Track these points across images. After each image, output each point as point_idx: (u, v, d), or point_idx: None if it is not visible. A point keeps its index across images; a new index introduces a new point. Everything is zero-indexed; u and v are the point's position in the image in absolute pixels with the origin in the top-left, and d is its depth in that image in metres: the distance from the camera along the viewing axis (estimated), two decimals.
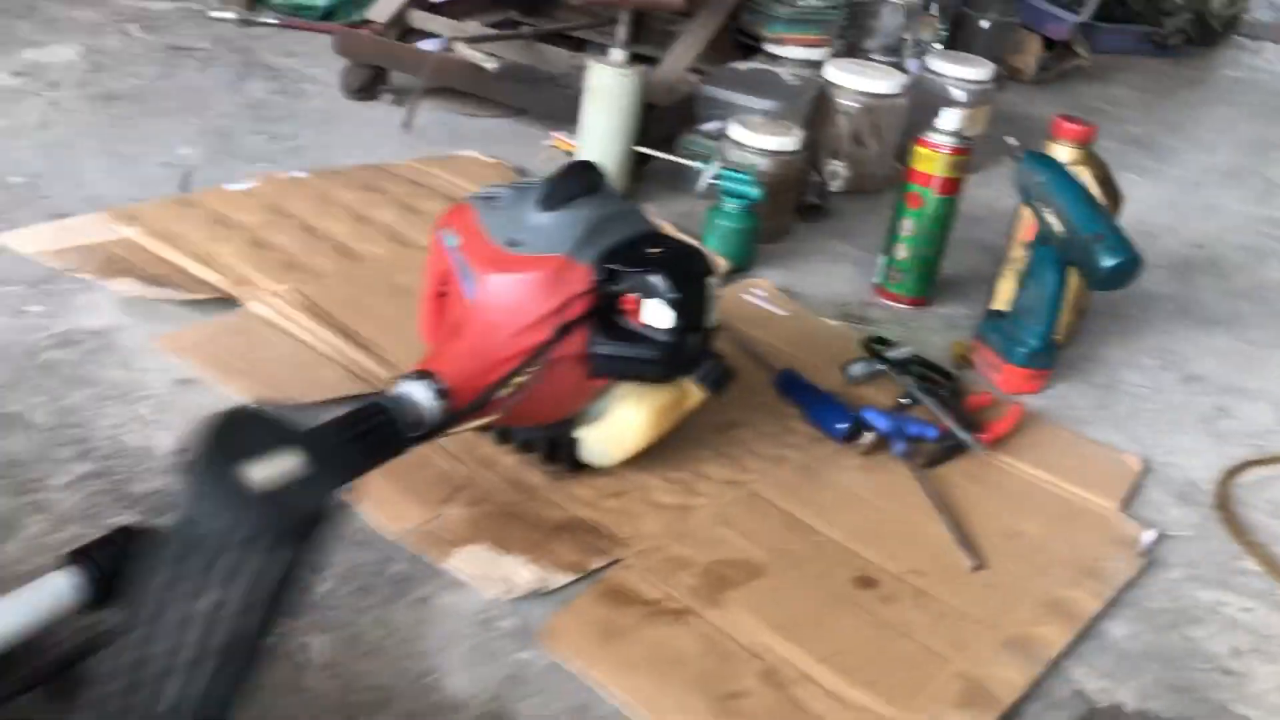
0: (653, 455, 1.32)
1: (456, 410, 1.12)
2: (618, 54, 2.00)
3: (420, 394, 1.10)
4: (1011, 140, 1.69)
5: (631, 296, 1.19)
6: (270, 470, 0.36)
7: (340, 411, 1.04)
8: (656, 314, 1.18)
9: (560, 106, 2.23)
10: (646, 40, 2.46)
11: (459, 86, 2.29)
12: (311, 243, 1.70)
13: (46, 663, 0.87)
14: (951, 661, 1.13)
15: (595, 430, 1.27)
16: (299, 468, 0.36)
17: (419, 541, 1.17)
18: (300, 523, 0.36)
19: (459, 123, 2.35)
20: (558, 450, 1.30)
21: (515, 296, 1.16)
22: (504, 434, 1.34)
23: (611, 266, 1.18)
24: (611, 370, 1.20)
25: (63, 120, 2.02)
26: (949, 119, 1.80)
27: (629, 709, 1.02)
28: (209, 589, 0.38)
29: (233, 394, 1.33)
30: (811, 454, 1.43)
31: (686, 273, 1.20)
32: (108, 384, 1.32)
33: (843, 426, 1.44)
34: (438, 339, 1.27)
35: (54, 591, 0.82)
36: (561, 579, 1.15)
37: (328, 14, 2.84)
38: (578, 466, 1.30)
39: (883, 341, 1.67)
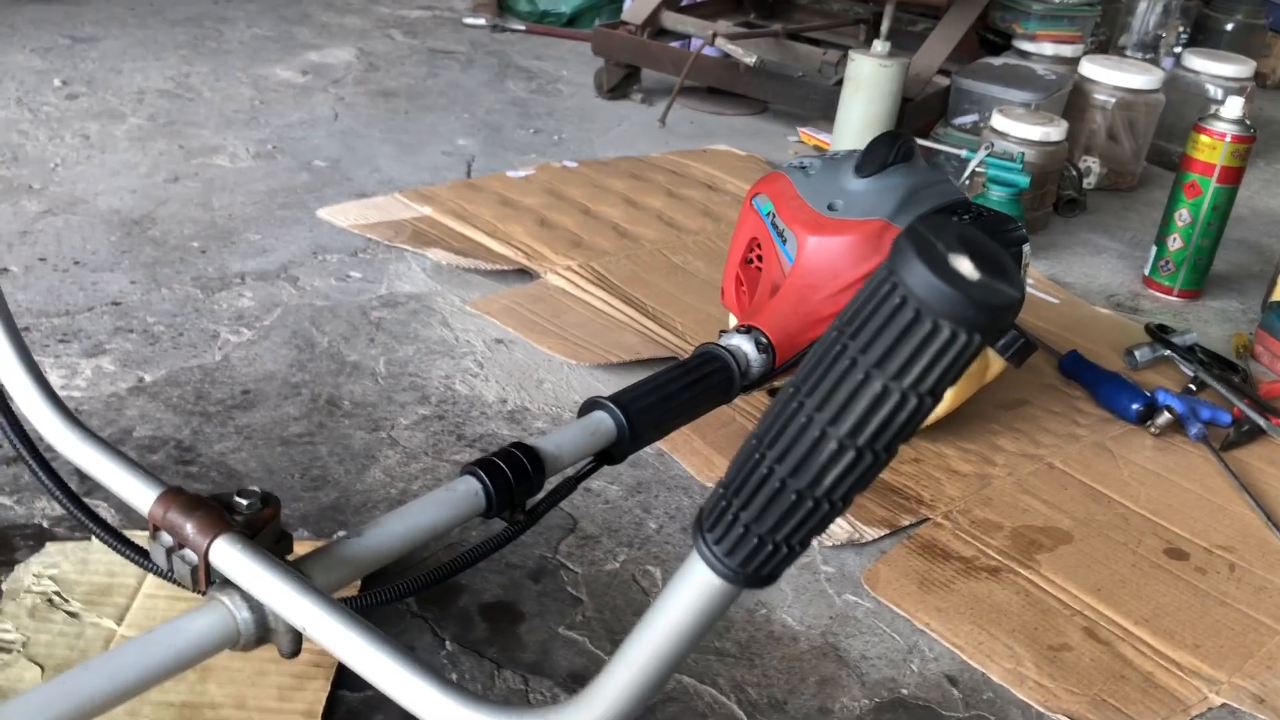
0: (944, 426, 1.34)
1: (778, 364, 1.16)
2: (879, 45, 2.04)
3: (747, 347, 1.15)
4: None
5: None
6: (969, 268, 0.40)
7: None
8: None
9: (810, 101, 2.28)
10: (892, 40, 2.49)
11: (713, 83, 2.36)
12: (591, 224, 1.79)
13: (427, 572, 0.95)
14: (1278, 633, 1.11)
15: None
16: (983, 273, 0.40)
17: None
18: (1004, 313, 0.40)
19: (706, 120, 2.42)
20: None
21: (835, 258, 1.20)
22: None
23: None
24: None
25: (350, 113, 2.18)
26: (1232, 106, 1.76)
27: (960, 653, 1.04)
28: (894, 365, 0.42)
29: (546, 351, 1.41)
30: (1104, 433, 1.42)
31: (1001, 239, 1.22)
32: (433, 340, 1.42)
33: (1137, 407, 1.43)
34: (744, 301, 1.32)
35: (458, 498, 0.90)
36: (874, 532, 1.18)
37: (571, 20, 2.97)
38: None
39: (1165, 329, 1.64)
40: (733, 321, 1.40)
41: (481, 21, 2.89)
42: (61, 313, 1.38)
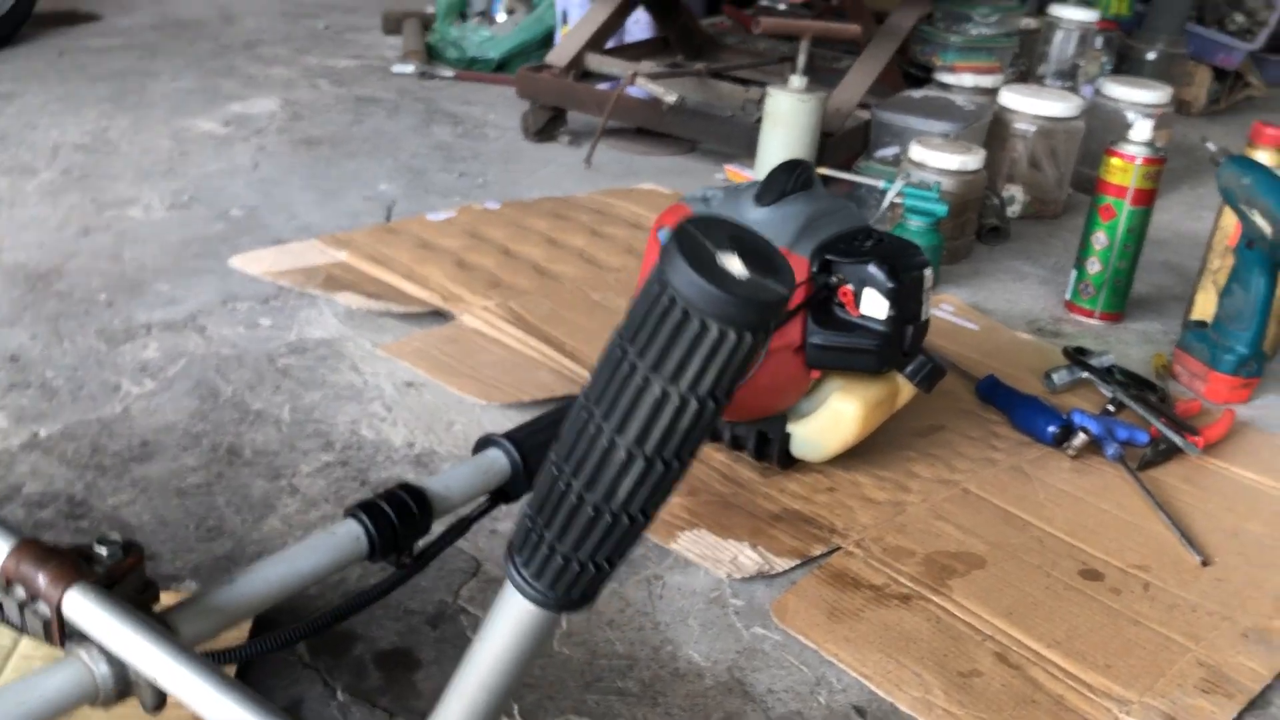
0: (859, 454, 1.34)
1: None
2: (797, 80, 2.05)
3: None
4: (1211, 145, 1.66)
5: (848, 288, 1.21)
6: (738, 266, 0.39)
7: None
8: (874, 304, 1.20)
9: (734, 137, 2.29)
10: (811, 75, 2.51)
11: (638, 124, 2.37)
12: (511, 264, 1.78)
13: (319, 616, 0.92)
14: (1190, 650, 1.10)
15: (808, 425, 1.28)
16: (752, 271, 0.39)
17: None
18: (772, 310, 0.39)
19: (633, 160, 2.43)
20: (767, 446, 1.32)
21: None
22: (712, 433, 1.36)
23: (829, 258, 1.21)
24: (829, 360, 1.22)
25: (270, 162, 2.16)
26: (1141, 129, 1.79)
27: (868, 682, 1.02)
28: (669, 367, 0.41)
29: (456, 393, 1.39)
30: (1021, 456, 1.42)
31: (902, 264, 1.22)
32: (341, 385, 1.40)
33: (1053, 429, 1.43)
34: None
35: (338, 542, 0.88)
36: (785, 563, 1.16)
37: (500, 66, 2.97)
38: (788, 462, 1.32)
39: (1083, 351, 1.64)
40: None
41: (410, 69, 2.89)
42: None
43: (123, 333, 1.47)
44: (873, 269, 1.20)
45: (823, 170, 2.04)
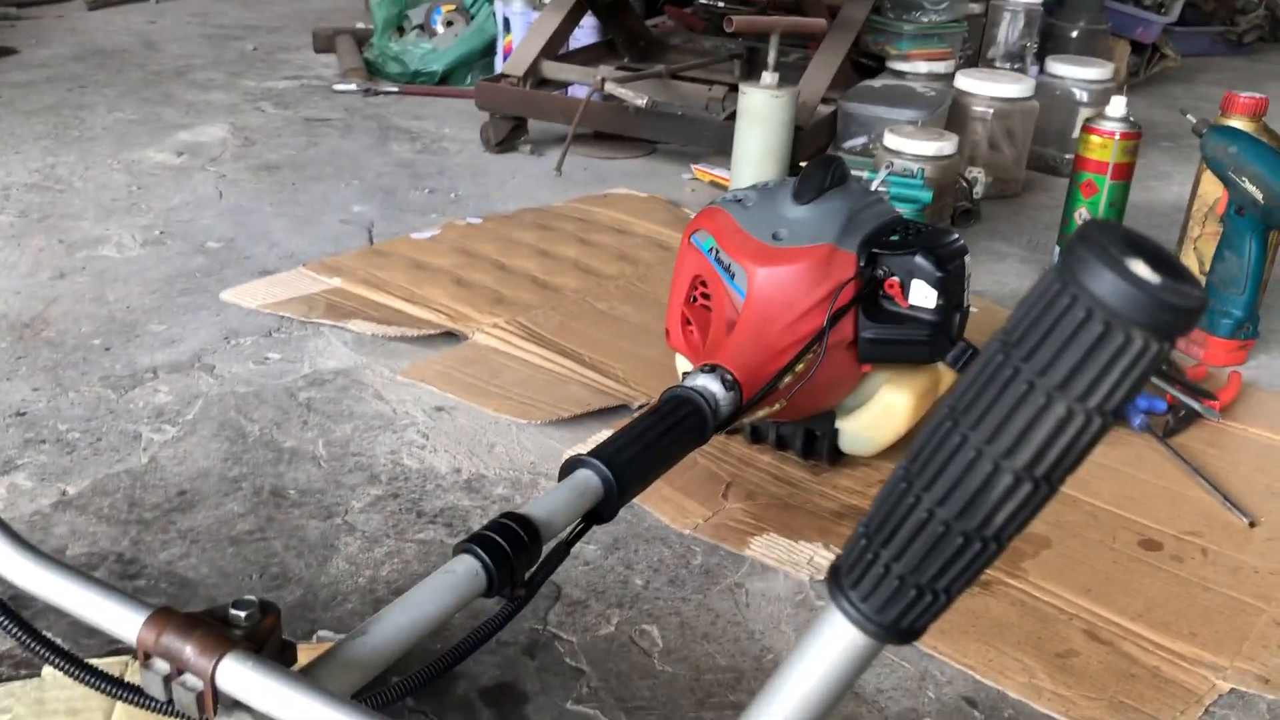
0: (900, 445, 1.33)
1: (745, 400, 1.14)
2: (768, 77, 2.05)
3: (714, 386, 1.12)
4: (1191, 116, 1.70)
5: (894, 280, 1.21)
6: (1148, 271, 0.38)
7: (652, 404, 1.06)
8: (923, 294, 1.20)
9: (703, 137, 2.28)
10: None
11: (604, 128, 2.35)
12: (509, 278, 1.74)
13: (434, 661, 0.88)
14: (1264, 610, 1.12)
15: (858, 419, 1.28)
16: (1162, 275, 0.38)
17: (713, 533, 1.18)
18: (1195, 316, 0.37)
19: (599, 165, 2.40)
20: (815, 444, 1.31)
21: (788, 286, 1.19)
22: (756, 433, 1.36)
23: (875, 251, 1.21)
24: (882, 354, 1.22)
25: (234, 190, 2.09)
26: (1116, 105, 1.83)
27: (972, 672, 1.02)
28: (1080, 384, 0.39)
29: (492, 413, 1.36)
30: None
31: (945, 252, 1.22)
32: (370, 415, 1.35)
33: None
34: (694, 340, 1.29)
35: (458, 581, 0.84)
36: None
37: (443, 78, 2.93)
38: (836, 458, 1.32)
39: None
40: (680, 362, 1.37)
41: (352, 87, 2.82)
42: None
43: (128, 378, 1.40)
44: (920, 259, 1.20)
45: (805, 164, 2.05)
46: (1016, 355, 0.41)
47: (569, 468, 0.97)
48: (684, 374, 1.15)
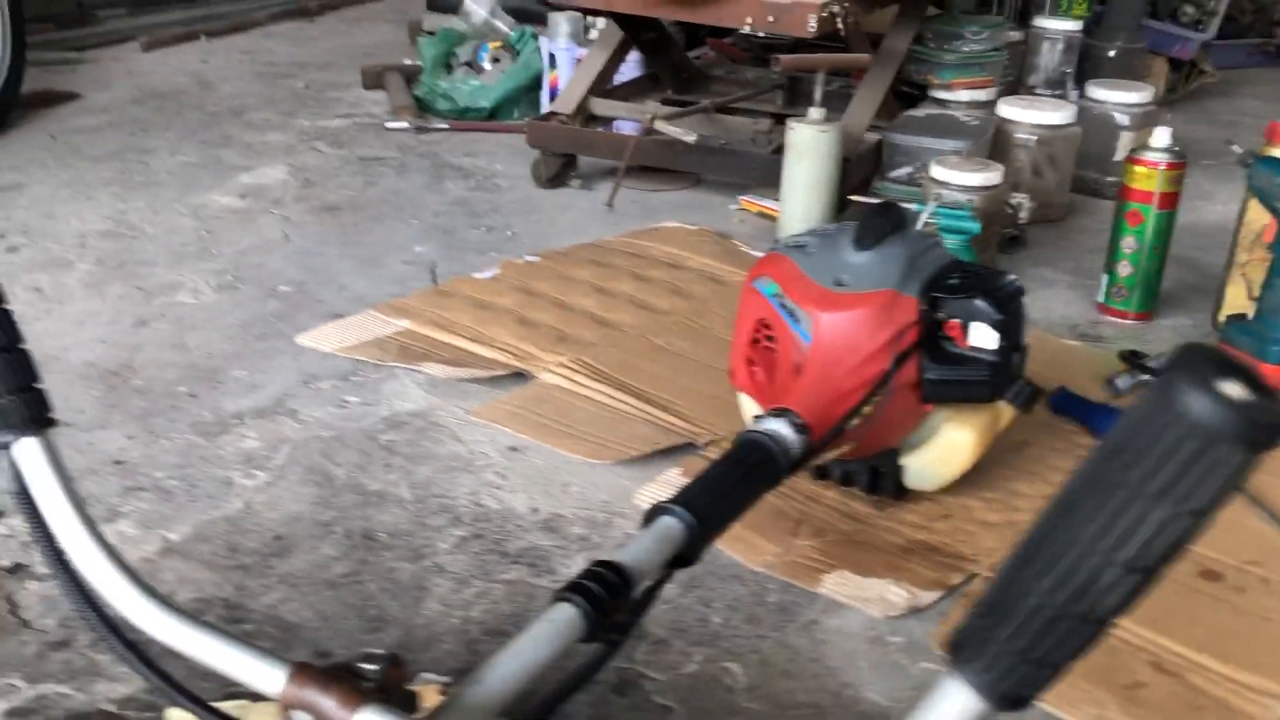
0: (962, 478, 1.37)
1: (815, 443, 1.18)
2: (815, 112, 2.10)
3: (785, 430, 1.16)
4: (1237, 147, 1.74)
5: (954, 322, 1.25)
6: (1240, 391, 0.43)
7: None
8: (983, 336, 1.25)
9: (751, 170, 2.33)
10: (802, 103, 2.57)
11: (653, 163, 2.40)
12: (569, 316, 1.80)
13: (548, 697, 0.93)
14: None
15: (922, 455, 1.32)
16: (1251, 392, 0.43)
17: (786, 571, 1.23)
18: (1273, 433, 0.42)
19: (646, 198, 2.46)
20: (880, 480, 1.36)
21: (853, 331, 1.23)
22: (821, 471, 1.40)
23: (935, 295, 1.25)
24: (945, 394, 1.26)
25: (299, 233, 2.16)
26: (1161, 136, 1.86)
27: (1044, 705, 1.06)
28: (1179, 491, 0.44)
29: (564, 454, 1.41)
30: None
31: (1004, 295, 1.26)
32: (448, 456, 1.41)
33: None
34: (759, 380, 1.34)
35: (560, 629, 0.89)
36: (930, 596, 1.20)
37: (492, 114, 2.99)
38: (901, 493, 1.36)
39: (1137, 354, 1.71)
40: (744, 401, 1.42)
41: (404, 125, 2.89)
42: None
43: (216, 425, 1.47)
44: (979, 302, 1.24)
45: (855, 198, 2.10)
46: (1121, 464, 0.45)
47: (652, 515, 1.02)
48: (755, 418, 1.20)
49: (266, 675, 0.76)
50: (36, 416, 0.85)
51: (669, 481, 1.36)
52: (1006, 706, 0.51)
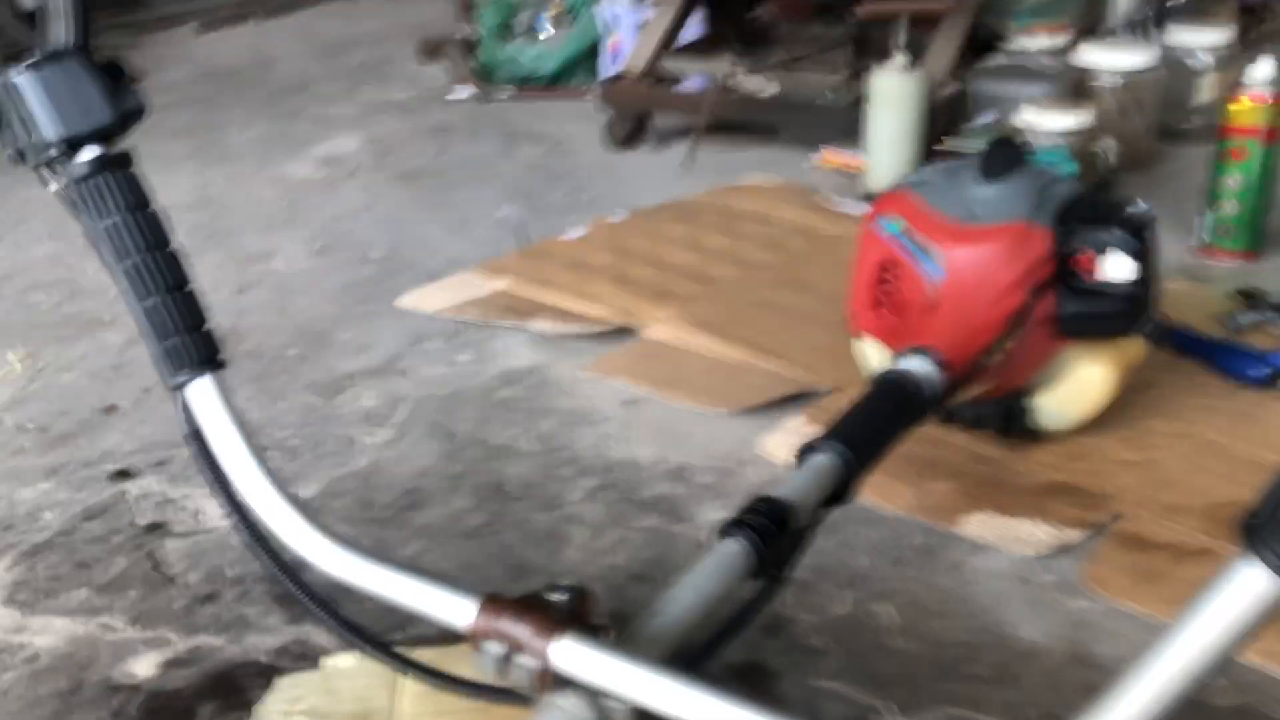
0: (1093, 419, 1.34)
1: (955, 379, 1.16)
2: (899, 58, 2.06)
3: (925, 367, 1.14)
4: None
5: (1086, 254, 1.22)
6: None
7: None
8: (1119, 266, 1.21)
9: (830, 123, 2.29)
10: (871, 57, 2.53)
11: (732, 118, 2.37)
12: (667, 273, 1.78)
13: (712, 637, 0.92)
14: None
15: (1055, 395, 1.30)
16: None
17: (926, 514, 1.21)
18: None
19: (721, 157, 2.42)
20: (1013, 420, 1.33)
21: (987, 265, 1.20)
22: (948, 415, 1.37)
23: (1068, 225, 1.22)
24: (1082, 328, 1.23)
25: (382, 200, 2.15)
26: (1264, 67, 1.81)
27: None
28: None
29: (684, 405, 1.40)
30: (1238, 400, 1.43)
31: (1138, 223, 1.23)
32: (566, 411, 1.40)
33: (1266, 371, 1.44)
34: (886, 321, 1.31)
35: (730, 562, 0.88)
36: (1076, 535, 1.17)
37: (554, 80, 2.97)
38: (1033, 434, 1.33)
39: (1254, 291, 1.66)
40: (866, 347, 1.39)
41: (467, 94, 2.88)
42: None
43: (330, 385, 1.46)
44: (1116, 232, 1.21)
45: (945, 145, 2.06)
46: None
47: (805, 452, 1.00)
48: (892, 356, 1.17)
49: (457, 607, 0.75)
50: (209, 356, 0.84)
51: (795, 430, 1.34)
52: None
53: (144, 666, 1.00)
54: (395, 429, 1.36)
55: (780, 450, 1.30)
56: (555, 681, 0.72)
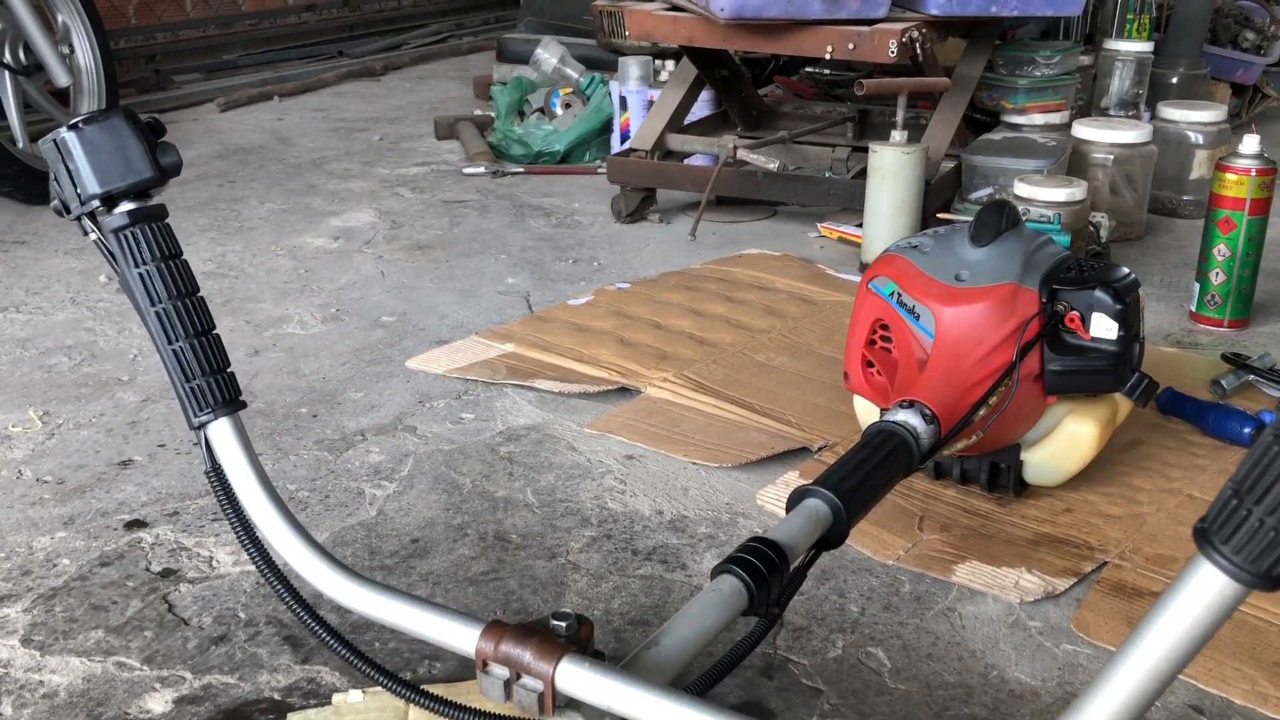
0: (1080, 476, 1.38)
1: (944, 433, 1.20)
2: (898, 135, 2.13)
3: (915, 420, 1.18)
4: None
5: (1074, 313, 1.27)
6: None
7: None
8: (1104, 326, 1.26)
9: (832, 196, 2.36)
10: (871, 135, 2.61)
11: (734, 193, 2.44)
12: (668, 336, 1.83)
13: (707, 672, 0.95)
14: None
15: (1043, 450, 1.33)
16: None
17: (917, 562, 1.24)
18: None
19: (725, 229, 2.50)
20: (1000, 475, 1.36)
21: (977, 324, 1.25)
22: (938, 469, 1.41)
23: (1055, 287, 1.27)
24: (1068, 384, 1.28)
25: (395, 269, 2.21)
26: (1250, 143, 1.87)
27: (1194, 681, 1.05)
28: None
29: (681, 459, 1.43)
30: (1223, 459, 1.47)
31: (1122, 286, 1.28)
32: (568, 465, 1.44)
33: (1248, 430, 1.48)
34: (876, 381, 1.36)
35: (725, 599, 0.91)
36: (1064, 583, 1.20)
37: (564, 157, 3.06)
38: (1021, 489, 1.37)
39: (1240, 356, 1.71)
40: (859, 403, 1.43)
41: (481, 170, 2.96)
42: (201, 493, 1.37)
43: (340, 441, 1.50)
44: (1099, 293, 1.26)
45: (943, 215, 2.12)
46: None
47: (796, 498, 1.04)
48: (882, 410, 1.22)
49: (461, 634, 0.79)
50: (230, 397, 0.89)
51: (788, 483, 1.38)
52: (1264, 585, 0.52)
53: (158, 703, 1.03)
54: (401, 482, 1.40)
55: (776, 503, 1.34)
56: (560, 704, 0.75)
